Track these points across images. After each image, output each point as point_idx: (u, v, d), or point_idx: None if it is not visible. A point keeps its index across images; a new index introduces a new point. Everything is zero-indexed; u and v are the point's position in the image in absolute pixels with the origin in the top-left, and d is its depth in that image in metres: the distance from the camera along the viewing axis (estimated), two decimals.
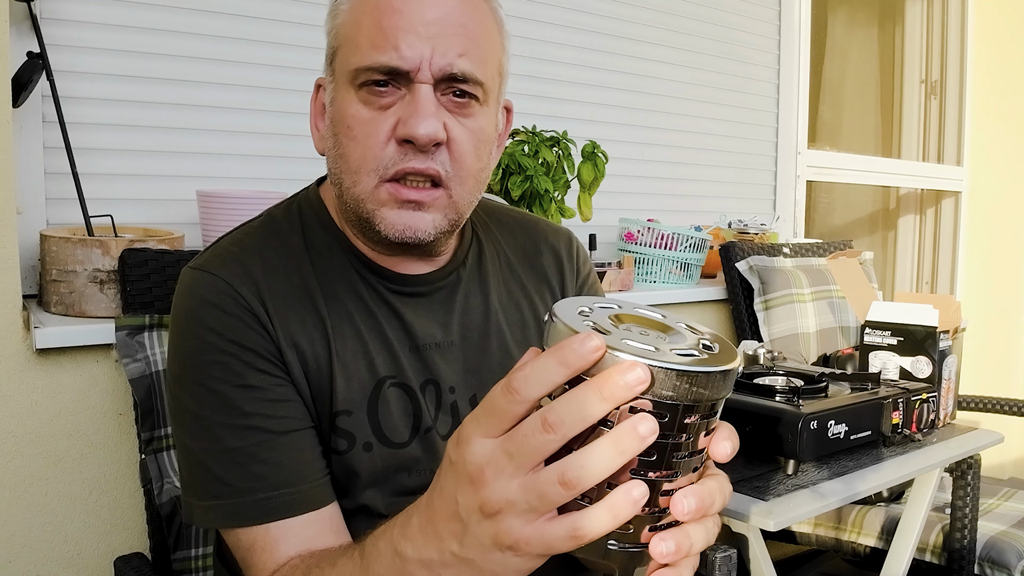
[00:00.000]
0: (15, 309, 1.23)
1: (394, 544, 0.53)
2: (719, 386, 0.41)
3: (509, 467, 0.43)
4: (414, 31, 0.74)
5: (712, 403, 0.42)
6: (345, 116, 0.77)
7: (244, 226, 0.88)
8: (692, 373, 0.40)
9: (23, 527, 1.26)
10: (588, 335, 0.41)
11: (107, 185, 1.46)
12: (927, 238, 3.53)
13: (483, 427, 0.45)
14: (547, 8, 2.03)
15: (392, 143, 0.76)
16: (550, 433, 0.42)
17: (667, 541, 0.43)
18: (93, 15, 1.43)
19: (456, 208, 0.81)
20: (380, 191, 0.77)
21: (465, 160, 0.79)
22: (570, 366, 0.41)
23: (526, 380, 0.43)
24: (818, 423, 1.30)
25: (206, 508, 0.77)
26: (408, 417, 0.84)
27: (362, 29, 0.76)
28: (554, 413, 0.42)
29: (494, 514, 0.44)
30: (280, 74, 1.62)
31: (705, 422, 0.43)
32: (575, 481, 0.41)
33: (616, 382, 0.40)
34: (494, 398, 0.44)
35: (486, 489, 0.44)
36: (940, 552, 1.76)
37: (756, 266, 2.08)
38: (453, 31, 0.76)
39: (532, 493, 0.43)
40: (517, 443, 0.43)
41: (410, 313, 0.85)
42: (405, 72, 0.75)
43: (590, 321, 0.43)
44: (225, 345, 0.77)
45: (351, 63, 0.76)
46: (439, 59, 0.75)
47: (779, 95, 2.65)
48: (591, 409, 0.41)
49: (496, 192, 1.63)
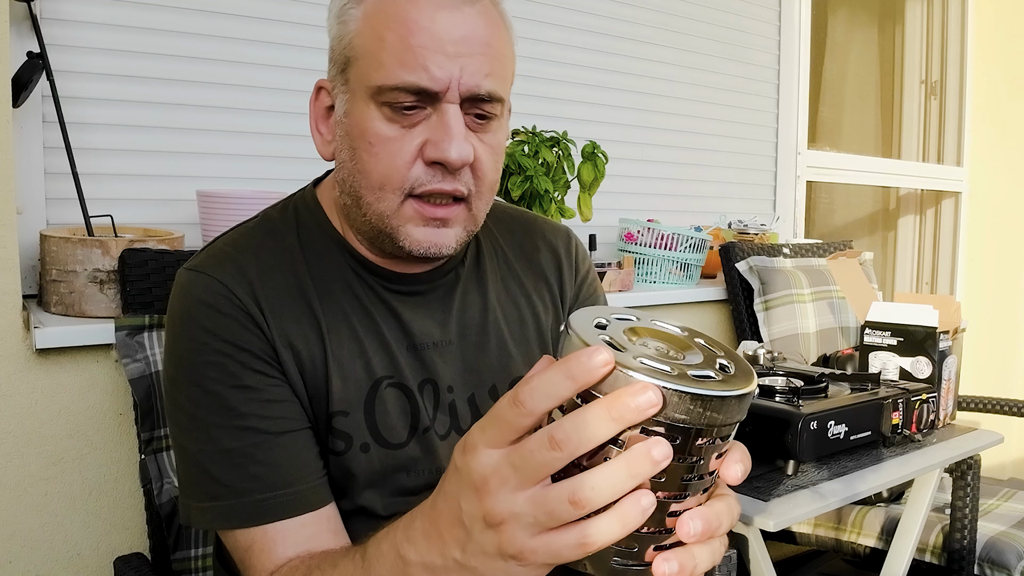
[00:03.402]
0: (15, 309, 1.23)
1: (397, 547, 0.53)
2: (733, 411, 0.41)
3: (513, 479, 0.43)
4: (443, 51, 0.74)
5: (725, 427, 0.41)
6: (367, 132, 0.76)
7: (240, 227, 0.88)
8: (707, 397, 0.39)
9: (23, 527, 1.26)
10: (597, 349, 0.40)
11: (107, 185, 1.46)
12: (927, 238, 3.53)
13: (489, 437, 0.44)
14: (547, 8, 2.03)
15: (419, 163, 0.76)
16: (556, 451, 0.41)
17: (671, 562, 0.43)
18: (93, 15, 1.43)
19: (475, 220, 0.82)
20: (406, 208, 0.77)
21: (487, 176, 0.80)
22: (577, 380, 0.41)
23: (533, 393, 0.42)
24: (818, 423, 1.30)
25: (203, 509, 0.77)
26: (406, 417, 0.84)
27: (385, 45, 0.74)
28: (562, 431, 0.41)
29: (498, 524, 0.44)
30: (280, 74, 1.62)
31: (717, 445, 0.42)
32: (585, 501, 0.41)
33: (627, 404, 0.40)
34: (501, 409, 0.44)
35: (490, 499, 0.44)
36: (940, 552, 1.76)
37: (756, 266, 2.08)
38: (479, 50, 0.75)
39: (540, 509, 0.43)
40: (523, 457, 0.43)
41: (408, 312, 0.85)
42: (434, 92, 0.74)
43: (606, 335, 0.43)
44: (220, 346, 0.77)
45: (373, 79, 0.75)
46: (468, 79, 0.75)
47: (779, 95, 2.65)
48: (600, 430, 0.40)
49: (496, 192, 1.63)
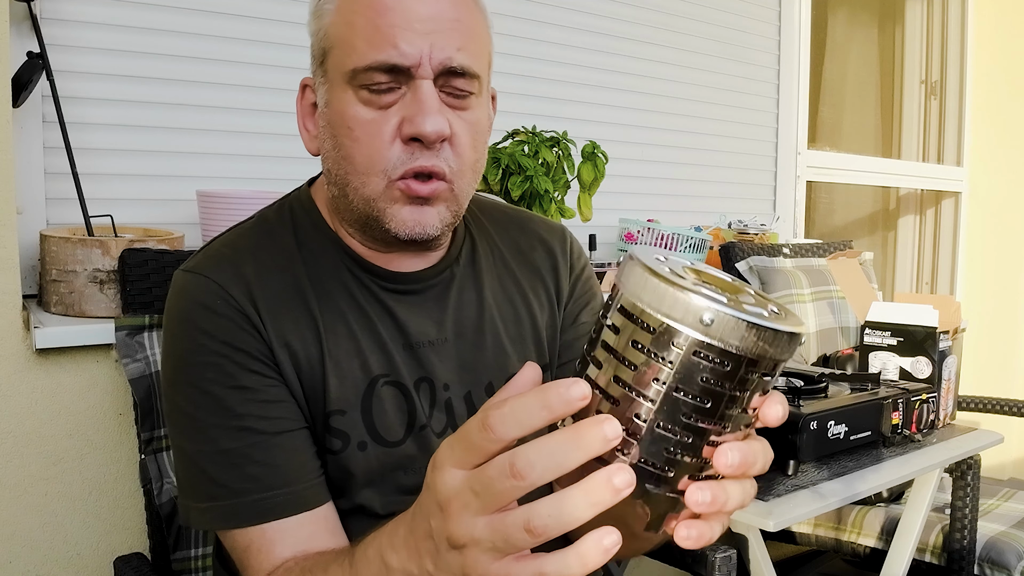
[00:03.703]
0: (15, 309, 1.23)
1: (381, 552, 0.53)
2: (784, 347, 0.41)
3: (474, 504, 0.43)
4: (411, 28, 0.74)
5: (774, 363, 0.42)
6: (345, 117, 0.77)
7: (236, 227, 0.88)
8: (762, 327, 0.40)
9: (23, 527, 1.26)
10: (575, 381, 0.40)
11: (107, 185, 1.46)
12: (927, 238, 3.53)
13: (456, 456, 0.44)
14: (547, 8, 2.03)
15: (398, 142, 0.76)
16: (518, 480, 0.40)
17: (704, 491, 0.42)
18: (93, 15, 1.43)
19: (457, 200, 0.81)
20: (392, 190, 0.77)
21: (466, 154, 0.79)
22: (553, 411, 0.40)
23: (503, 420, 0.41)
24: (818, 423, 1.30)
25: (202, 510, 0.77)
26: (402, 415, 0.84)
27: (356, 29, 0.75)
28: (523, 459, 0.40)
29: (461, 547, 0.44)
30: (280, 74, 1.62)
31: (763, 381, 0.42)
32: (541, 530, 0.40)
33: (594, 433, 0.39)
34: (470, 430, 0.43)
35: (452, 522, 0.44)
36: (940, 552, 1.76)
37: (756, 266, 2.08)
38: (449, 26, 0.75)
39: (497, 535, 0.42)
40: (483, 483, 0.42)
41: (404, 311, 0.85)
42: (406, 69, 0.75)
43: (666, 267, 0.42)
44: (217, 347, 0.77)
45: (347, 64, 0.76)
46: (438, 54, 0.75)
47: (779, 95, 2.65)
48: (565, 459, 0.40)
49: (496, 192, 1.63)
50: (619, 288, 0.43)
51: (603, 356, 0.43)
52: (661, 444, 0.42)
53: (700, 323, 0.39)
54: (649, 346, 0.41)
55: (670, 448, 0.42)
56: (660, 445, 0.42)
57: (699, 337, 0.40)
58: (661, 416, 0.41)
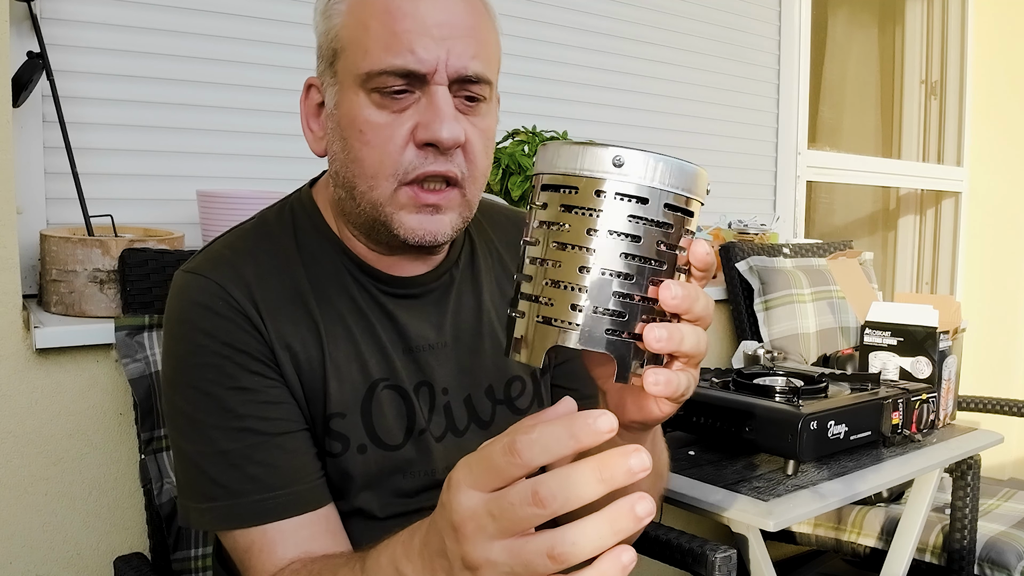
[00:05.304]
0: (15, 309, 1.23)
1: (395, 561, 0.53)
2: (692, 181, 0.48)
3: (491, 527, 0.42)
4: (428, 34, 0.74)
5: (686, 199, 0.47)
6: (356, 120, 0.77)
7: (236, 228, 0.88)
8: (666, 159, 0.46)
9: (23, 527, 1.26)
10: (604, 413, 0.41)
11: (107, 185, 1.46)
12: (927, 238, 3.53)
13: (474, 478, 0.44)
14: (548, 8, 2.03)
15: (411, 147, 0.76)
16: (539, 508, 0.41)
17: (660, 329, 0.46)
18: (93, 15, 1.43)
19: (469, 207, 0.81)
20: (400, 195, 0.77)
21: (478, 160, 0.79)
22: (580, 442, 0.41)
23: (531, 445, 0.41)
24: (818, 423, 1.30)
25: (202, 511, 0.77)
26: (402, 419, 0.84)
27: (370, 33, 0.75)
28: (547, 488, 0.40)
29: (475, 569, 0.44)
30: (280, 74, 1.62)
31: (683, 219, 0.48)
32: (565, 556, 0.40)
33: (618, 465, 0.40)
34: (492, 454, 0.43)
35: (467, 544, 0.44)
36: (940, 552, 1.76)
37: (756, 266, 2.08)
38: (464, 33, 0.75)
39: (517, 560, 0.42)
40: (502, 508, 0.42)
41: (403, 315, 0.85)
42: (422, 75, 0.74)
43: None
44: (218, 348, 0.77)
45: (361, 66, 0.75)
46: (455, 61, 0.75)
47: (779, 95, 2.65)
48: (587, 491, 0.40)
49: (496, 192, 1.63)
50: (538, 172, 0.48)
51: (540, 234, 0.47)
52: (608, 288, 0.46)
53: (613, 166, 0.45)
54: (575, 203, 0.46)
55: (616, 290, 0.46)
56: (607, 289, 0.46)
57: (616, 178, 0.45)
58: (601, 260, 0.45)
